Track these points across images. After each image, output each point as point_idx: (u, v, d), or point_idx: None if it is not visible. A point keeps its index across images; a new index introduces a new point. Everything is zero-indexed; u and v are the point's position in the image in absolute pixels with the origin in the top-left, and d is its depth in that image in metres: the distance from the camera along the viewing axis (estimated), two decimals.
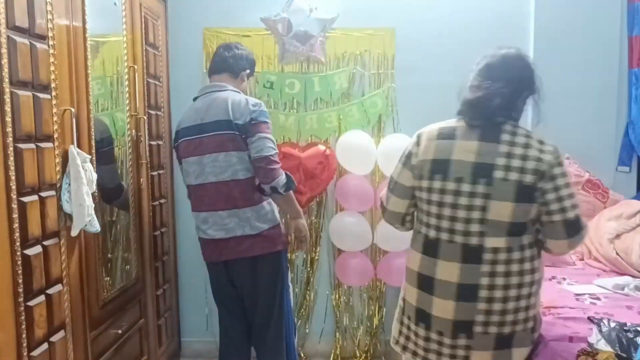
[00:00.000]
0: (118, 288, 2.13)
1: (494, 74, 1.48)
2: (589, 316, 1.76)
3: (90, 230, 1.77)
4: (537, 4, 2.86)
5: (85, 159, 1.73)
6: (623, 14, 2.86)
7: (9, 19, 1.40)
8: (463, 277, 1.43)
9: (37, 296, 1.52)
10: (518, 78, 1.49)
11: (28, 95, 1.48)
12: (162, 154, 2.69)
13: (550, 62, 2.85)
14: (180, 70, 2.90)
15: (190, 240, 3.00)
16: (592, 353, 1.52)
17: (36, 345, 1.51)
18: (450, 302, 1.45)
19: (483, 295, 1.42)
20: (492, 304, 1.42)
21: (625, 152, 2.90)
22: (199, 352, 3.06)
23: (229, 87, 2.18)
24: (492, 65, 1.50)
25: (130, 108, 2.26)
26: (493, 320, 1.43)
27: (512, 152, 1.41)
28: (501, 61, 1.50)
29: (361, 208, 2.82)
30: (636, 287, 2.09)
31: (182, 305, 3.04)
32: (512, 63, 1.51)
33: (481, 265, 1.42)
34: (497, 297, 1.42)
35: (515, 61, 1.52)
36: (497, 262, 1.42)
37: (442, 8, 2.88)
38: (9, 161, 1.39)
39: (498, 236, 1.41)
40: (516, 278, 1.42)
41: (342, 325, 3.03)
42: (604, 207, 2.73)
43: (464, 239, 1.44)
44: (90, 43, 1.85)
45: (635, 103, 2.85)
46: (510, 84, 1.46)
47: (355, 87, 2.91)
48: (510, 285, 1.42)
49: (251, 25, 2.85)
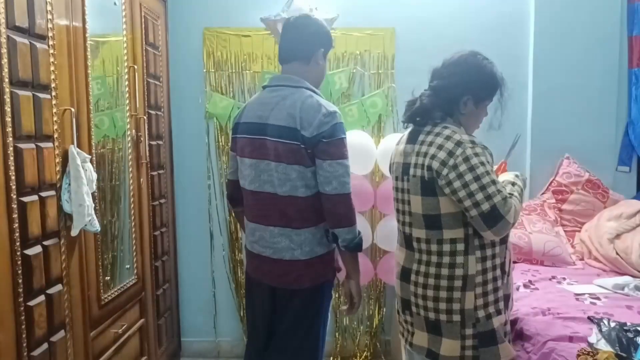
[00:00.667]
0: (118, 288, 2.13)
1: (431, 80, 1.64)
2: (589, 316, 1.77)
3: (90, 230, 1.78)
4: (537, 4, 2.86)
5: (85, 159, 1.73)
6: (623, 14, 2.86)
7: (9, 19, 1.40)
8: (405, 260, 1.63)
9: (37, 296, 1.52)
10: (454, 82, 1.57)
11: (28, 95, 1.48)
12: (162, 154, 2.69)
13: (550, 62, 2.86)
14: (180, 70, 2.90)
15: (190, 240, 3.01)
16: (592, 353, 1.52)
17: (36, 345, 1.51)
18: (398, 280, 1.66)
19: (413, 279, 1.59)
20: (416, 287, 1.58)
21: (625, 152, 2.90)
22: (199, 352, 3.07)
23: (303, 84, 1.77)
24: (435, 71, 1.64)
25: (130, 108, 2.26)
26: (420, 303, 1.57)
27: (420, 151, 1.55)
28: (444, 66, 1.62)
29: (361, 208, 2.81)
30: (636, 287, 2.09)
31: (182, 305, 3.04)
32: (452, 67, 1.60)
33: (414, 252, 1.60)
34: (420, 283, 1.57)
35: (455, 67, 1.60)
36: (421, 251, 1.57)
37: (442, 8, 2.88)
38: (9, 161, 1.40)
39: (419, 227, 1.57)
40: (434, 269, 1.54)
41: (342, 325, 3.03)
42: (604, 207, 2.73)
43: (402, 228, 1.65)
44: (90, 43, 1.85)
45: (635, 103, 2.85)
46: (439, 90, 1.59)
47: (355, 87, 2.91)
48: (429, 274, 1.55)
49: (251, 25, 2.85)
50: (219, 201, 2.99)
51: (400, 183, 1.63)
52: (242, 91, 2.92)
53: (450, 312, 1.52)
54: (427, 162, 1.51)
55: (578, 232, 2.72)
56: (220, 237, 3.01)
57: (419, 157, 1.54)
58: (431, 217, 1.53)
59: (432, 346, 1.55)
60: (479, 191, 1.44)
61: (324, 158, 1.69)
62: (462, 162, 1.45)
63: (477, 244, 1.52)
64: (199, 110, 2.93)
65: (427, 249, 1.55)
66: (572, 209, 2.78)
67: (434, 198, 1.52)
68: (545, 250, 2.53)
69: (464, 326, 1.52)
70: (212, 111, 2.91)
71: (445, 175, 1.46)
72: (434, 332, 1.55)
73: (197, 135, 2.95)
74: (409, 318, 1.63)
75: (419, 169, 1.53)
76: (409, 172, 1.57)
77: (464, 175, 1.45)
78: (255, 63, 2.90)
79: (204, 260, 3.02)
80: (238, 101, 2.90)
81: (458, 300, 1.51)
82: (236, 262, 3.00)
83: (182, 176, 2.98)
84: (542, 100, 2.89)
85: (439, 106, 1.57)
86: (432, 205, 1.52)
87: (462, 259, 1.51)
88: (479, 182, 1.44)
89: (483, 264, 1.52)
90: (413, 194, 1.56)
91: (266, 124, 1.74)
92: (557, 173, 2.85)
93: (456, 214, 1.51)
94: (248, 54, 2.89)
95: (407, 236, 1.62)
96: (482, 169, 1.45)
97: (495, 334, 1.52)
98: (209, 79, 2.91)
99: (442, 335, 1.53)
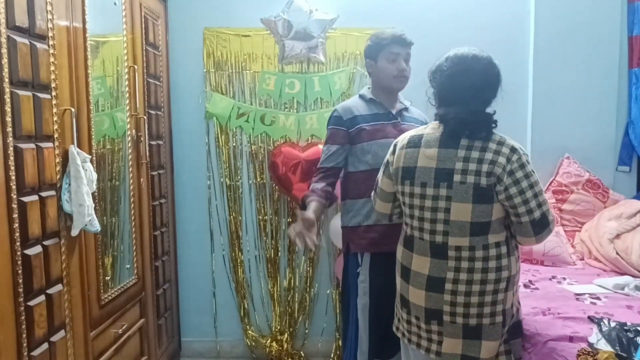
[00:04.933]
0: (118, 288, 2.13)
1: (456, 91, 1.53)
2: (589, 316, 1.77)
3: (90, 230, 1.78)
4: (537, 4, 2.86)
5: (85, 159, 1.73)
6: (623, 14, 2.86)
7: (9, 19, 1.40)
8: (432, 270, 1.55)
9: (38, 296, 1.52)
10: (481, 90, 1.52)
11: (28, 95, 1.48)
12: (162, 154, 2.69)
13: (550, 62, 2.86)
14: (180, 70, 2.90)
15: (190, 240, 3.01)
16: (592, 353, 1.52)
17: (36, 345, 1.51)
18: (422, 291, 1.57)
19: (448, 287, 1.52)
20: (456, 296, 1.51)
21: (625, 151, 2.90)
22: (199, 352, 3.07)
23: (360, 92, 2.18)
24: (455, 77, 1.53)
25: (130, 108, 2.26)
26: (458, 311, 1.52)
27: (468, 156, 1.49)
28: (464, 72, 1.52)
29: None
30: (636, 286, 2.09)
31: (182, 305, 3.04)
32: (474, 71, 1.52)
33: (447, 260, 1.52)
34: (461, 291, 1.51)
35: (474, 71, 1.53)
36: (460, 259, 1.51)
37: (442, 8, 2.88)
38: (9, 161, 1.40)
39: (461, 235, 1.50)
40: (479, 275, 1.50)
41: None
42: (604, 207, 2.73)
43: (431, 237, 1.55)
44: (90, 43, 1.85)
45: (635, 103, 2.85)
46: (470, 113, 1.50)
47: (355, 87, 2.90)
48: (473, 280, 1.50)
49: (251, 25, 2.85)
50: (219, 201, 2.99)
51: (432, 190, 1.53)
52: (242, 91, 2.92)
53: (494, 314, 1.52)
54: (485, 168, 1.46)
55: (578, 232, 2.72)
56: (220, 237, 3.01)
57: (469, 162, 1.47)
58: (481, 224, 1.49)
59: (468, 351, 1.53)
60: (533, 199, 1.45)
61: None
62: (519, 169, 1.45)
63: (514, 244, 1.57)
64: (199, 110, 2.93)
65: (469, 256, 1.50)
66: (572, 209, 2.78)
67: (489, 205, 1.48)
68: (546, 250, 2.53)
69: (504, 325, 1.54)
70: (212, 111, 2.91)
71: (503, 181, 1.45)
72: (472, 337, 1.52)
73: (197, 135, 2.95)
74: (435, 327, 1.56)
75: (472, 175, 1.47)
76: (453, 178, 1.49)
77: (520, 182, 1.45)
78: (255, 63, 2.90)
79: (204, 260, 3.02)
80: (238, 101, 2.90)
81: (502, 301, 1.52)
82: (236, 262, 3.00)
83: (182, 176, 2.98)
84: (542, 100, 2.88)
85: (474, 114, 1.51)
86: (485, 213, 1.48)
87: (507, 260, 1.52)
88: (533, 190, 1.46)
89: (519, 262, 1.57)
90: (459, 201, 1.48)
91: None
92: (557, 173, 2.85)
93: (502, 219, 1.53)
94: (248, 54, 2.89)
95: (437, 245, 1.54)
96: (535, 177, 1.47)
97: (521, 325, 1.62)
98: (209, 79, 2.90)
99: (481, 339, 1.52)
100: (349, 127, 2.05)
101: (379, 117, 2.07)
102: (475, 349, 1.52)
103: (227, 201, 2.98)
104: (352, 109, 2.08)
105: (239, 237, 2.99)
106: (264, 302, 3.05)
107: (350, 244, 2.08)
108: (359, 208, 2.05)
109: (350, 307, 2.09)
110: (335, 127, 2.08)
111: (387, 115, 2.08)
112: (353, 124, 2.05)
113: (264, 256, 3.02)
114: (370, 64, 2.11)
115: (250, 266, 3.03)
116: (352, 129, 2.05)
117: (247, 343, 3.04)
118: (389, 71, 2.05)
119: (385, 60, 2.05)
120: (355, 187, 2.07)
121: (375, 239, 2.00)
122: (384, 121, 2.06)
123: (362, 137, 2.03)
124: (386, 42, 2.05)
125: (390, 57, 2.04)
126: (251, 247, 3.02)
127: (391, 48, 2.04)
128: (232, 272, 3.03)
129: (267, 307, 3.05)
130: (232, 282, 3.03)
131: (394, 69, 2.04)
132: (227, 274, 3.03)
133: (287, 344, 3.00)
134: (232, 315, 3.05)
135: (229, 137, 2.94)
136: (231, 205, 2.98)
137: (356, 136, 2.04)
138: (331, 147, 2.06)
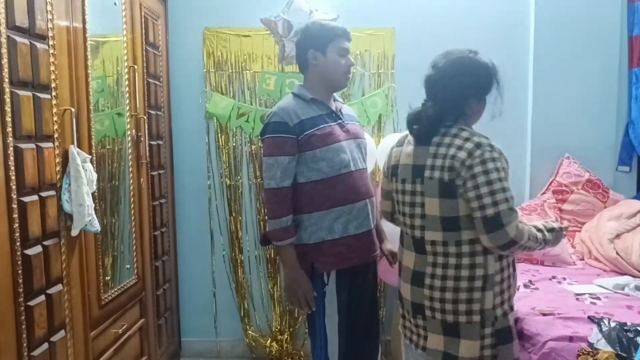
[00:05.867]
0: (118, 288, 2.13)
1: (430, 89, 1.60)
2: (589, 316, 1.77)
3: (90, 230, 1.78)
4: (537, 4, 2.86)
5: (85, 159, 1.73)
6: (623, 14, 2.86)
7: (9, 19, 1.40)
8: (416, 264, 1.60)
9: (38, 296, 1.52)
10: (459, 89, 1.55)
11: (28, 95, 1.48)
12: (162, 154, 2.69)
13: (550, 62, 2.86)
14: (180, 70, 2.90)
15: (190, 240, 3.01)
16: (592, 353, 1.52)
17: (36, 345, 1.51)
18: (408, 285, 1.62)
19: (427, 282, 1.56)
20: (432, 291, 1.55)
21: (625, 151, 2.90)
22: (199, 352, 3.07)
23: (295, 90, 1.95)
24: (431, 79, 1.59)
25: (130, 108, 2.26)
26: (435, 306, 1.54)
27: (437, 152, 1.52)
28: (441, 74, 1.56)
29: None
30: (636, 286, 2.09)
31: (182, 305, 3.04)
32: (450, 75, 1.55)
33: (427, 255, 1.57)
34: (436, 286, 1.54)
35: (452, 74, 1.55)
36: (436, 254, 1.55)
37: (442, 8, 2.88)
38: (9, 161, 1.40)
39: (435, 230, 1.54)
40: (453, 271, 1.52)
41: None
42: (604, 207, 2.73)
43: (412, 232, 1.61)
44: (90, 43, 1.85)
45: (635, 103, 2.85)
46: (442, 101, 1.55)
47: (355, 87, 2.91)
48: (447, 276, 1.52)
49: (251, 25, 2.85)
50: (219, 201, 2.99)
51: (410, 185, 1.59)
52: (242, 91, 2.92)
53: (470, 313, 1.51)
54: (447, 163, 1.48)
55: (578, 232, 2.72)
56: (220, 237, 3.01)
57: (436, 158, 1.51)
58: (450, 219, 1.51)
59: (449, 349, 1.54)
60: (488, 195, 1.44)
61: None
62: (479, 164, 1.45)
63: None
64: (199, 110, 2.93)
65: (443, 251, 1.53)
66: (572, 209, 2.78)
67: (453, 200, 1.50)
68: (546, 250, 2.53)
69: (483, 326, 1.52)
70: (212, 111, 2.91)
71: (462, 175, 1.46)
72: (451, 334, 1.53)
73: (197, 135, 2.95)
74: (421, 322, 1.60)
75: (437, 170, 1.50)
76: (424, 174, 1.54)
77: (476, 177, 1.45)
78: (255, 63, 2.90)
79: (204, 260, 3.02)
80: (238, 101, 2.90)
81: (478, 300, 1.51)
82: (236, 262, 3.00)
83: (182, 176, 2.98)
84: (542, 100, 2.89)
85: (446, 113, 1.55)
86: (451, 207, 1.50)
87: (482, 258, 1.51)
88: (490, 187, 1.44)
89: (500, 262, 1.53)
90: (429, 196, 1.53)
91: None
92: (557, 173, 2.85)
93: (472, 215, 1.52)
94: (248, 54, 2.89)
95: (417, 240, 1.59)
96: (496, 175, 1.45)
97: (511, 330, 1.57)
98: (209, 79, 2.91)
99: (460, 337, 1.53)
100: (298, 134, 1.81)
101: (325, 118, 1.87)
102: (454, 347, 1.53)
103: (227, 201, 2.98)
104: (296, 112, 1.83)
105: (239, 237, 2.99)
106: (264, 302, 3.05)
107: (315, 264, 1.87)
108: (316, 222, 1.85)
109: (317, 326, 1.91)
110: (281, 135, 1.80)
111: (332, 116, 1.90)
112: (302, 130, 1.81)
113: (264, 256, 3.02)
114: (315, 55, 1.88)
115: (250, 266, 3.03)
116: (301, 136, 1.81)
117: (247, 343, 3.04)
118: (340, 66, 1.88)
119: (336, 54, 1.88)
120: (309, 200, 1.85)
121: (343, 253, 1.86)
122: (331, 122, 1.88)
123: (313, 144, 1.81)
124: (338, 34, 1.88)
125: (341, 51, 1.88)
126: (251, 247, 3.02)
127: (342, 42, 1.89)
128: (232, 272, 3.03)
129: (267, 307, 3.05)
130: (232, 282, 3.03)
131: (344, 64, 1.89)
132: (227, 274, 3.03)
133: (287, 344, 3.00)
134: (232, 315, 3.05)
135: (229, 137, 2.94)
136: (231, 205, 2.98)
137: (305, 143, 1.81)
138: (282, 160, 1.79)
